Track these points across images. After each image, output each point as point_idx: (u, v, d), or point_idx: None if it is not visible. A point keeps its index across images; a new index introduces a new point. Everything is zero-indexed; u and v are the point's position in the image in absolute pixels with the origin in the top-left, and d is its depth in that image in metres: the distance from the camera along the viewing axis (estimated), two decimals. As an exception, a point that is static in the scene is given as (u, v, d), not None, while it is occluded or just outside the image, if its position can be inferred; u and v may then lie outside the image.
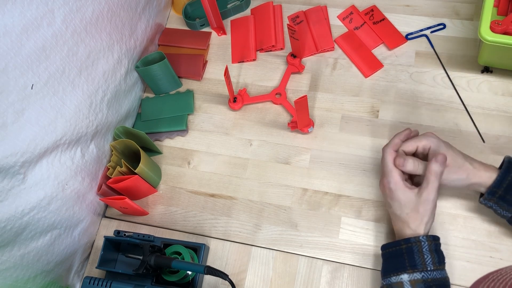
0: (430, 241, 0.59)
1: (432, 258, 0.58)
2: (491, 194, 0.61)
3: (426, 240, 0.59)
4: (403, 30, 0.85)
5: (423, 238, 0.59)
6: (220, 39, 0.91)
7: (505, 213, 0.61)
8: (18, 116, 0.53)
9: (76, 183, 0.68)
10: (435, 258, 0.58)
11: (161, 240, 0.71)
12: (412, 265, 0.58)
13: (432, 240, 0.59)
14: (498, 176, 0.61)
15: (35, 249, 0.61)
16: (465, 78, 0.79)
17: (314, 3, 0.91)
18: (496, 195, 0.61)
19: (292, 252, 0.71)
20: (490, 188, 0.61)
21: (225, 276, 0.60)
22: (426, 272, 0.57)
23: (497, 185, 0.60)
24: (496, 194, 0.61)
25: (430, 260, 0.58)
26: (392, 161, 0.62)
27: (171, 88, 0.87)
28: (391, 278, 0.59)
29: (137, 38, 0.80)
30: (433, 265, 0.57)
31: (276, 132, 0.80)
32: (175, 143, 0.83)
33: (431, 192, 0.59)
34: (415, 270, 0.57)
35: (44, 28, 0.55)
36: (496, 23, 0.67)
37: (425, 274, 0.57)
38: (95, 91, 0.69)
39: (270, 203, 0.75)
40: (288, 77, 0.84)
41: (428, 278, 0.57)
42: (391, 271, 0.59)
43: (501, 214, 0.62)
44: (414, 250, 0.58)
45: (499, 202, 0.61)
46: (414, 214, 0.60)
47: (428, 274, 0.57)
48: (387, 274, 0.60)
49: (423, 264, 0.57)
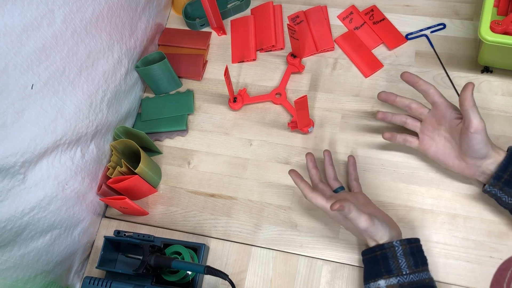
0: (404, 245, 0.59)
1: (407, 262, 0.58)
2: (497, 178, 0.60)
3: (400, 245, 0.59)
4: (403, 30, 0.85)
5: (397, 243, 0.59)
6: (220, 39, 0.91)
7: (510, 200, 0.60)
8: (18, 116, 0.53)
9: (76, 183, 0.68)
10: (411, 262, 0.58)
11: (161, 240, 0.71)
12: (387, 270, 0.58)
13: (407, 244, 0.59)
14: (504, 160, 0.60)
15: (35, 249, 0.61)
16: (465, 78, 0.79)
17: (314, 3, 0.91)
18: (502, 179, 0.60)
19: (292, 252, 0.71)
20: (496, 172, 0.60)
21: (225, 276, 0.60)
22: (401, 277, 0.57)
23: (503, 169, 0.59)
24: (501, 178, 0.60)
25: (405, 264, 0.58)
26: (320, 200, 0.62)
27: (171, 88, 0.87)
28: (370, 284, 0.59)
29: (137, 38, 0.80)
30: (409, 269, 0.57)
31: (276, 132, 0.80)
32: (175, 143, 0.83)
33: (357, 216, 0.59)
34: (390, 276, 0.58)
35: (44, 28, 0.55)
36: (496, 23, 0.67)
37: (400, 279, 0.57)
38: (95, 91, 0.69)
39: (270, 203, 0.75)
40: (288, 77, 0.84)
41: (405, 282, 0.57)
42: (370, 277, 0.60)
43: (505, 201, 0.61)
44: (388, 255, 0.59)
45: (504, 187, 0.60)
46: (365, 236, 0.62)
47: (404, 278, 0.57)
48: (367, 280, 0.60)
49: (398, 269, 0.58)
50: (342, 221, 0.62)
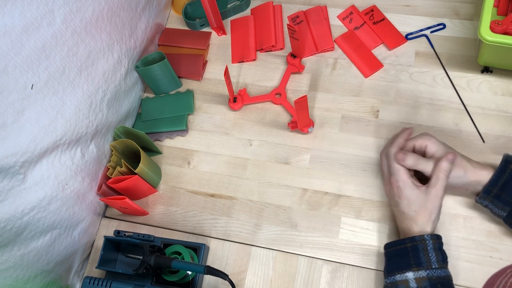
0: (434, 239, 0.59)
1: (437, 256, 0.58)
2: (486, 192, 0.61)
3: (431, 238, 0.59)
4: (403, 30, 0.85)
5: (428, 236, 0.59)
6: (220, 39, 0.91)
7: (501, 212, 0.62)
8: (18, 116, 0.53)
9: (76, 183, 0.68)
10: (439, 257, 0.58)
11: (161, 240, 0.71)
12: (417, 263, 0.58)
13: (436, 239, 0.60)
14: (494, 175, 0.61)
15: (35, 249, 0.61)
16: (465, 78, 0.79)
17: (314, 3, 0.91)
18: (492, 193, 0.61)
19: (292, 252, 0.71)
20: (486, 186, 0.61)
21: (225, 276, 0.60)
22: (431, 270, 0.57)
23: (492, 184, 0.61)
24: (491, 192, 0.61)
25: (435, 258, 0.58)
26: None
27: (171, 88, 0.87)
28: (396, 276, 0.59)
29: (137, 38, 0.80)
30: (438, 263, 0.58)
31: (276, 132, 0.80)
32: (175, 143, 0.83)
33: (439, 189, 0.61)
34: (420, 268, 0.58)
35: (44, 28, 0.55)
36: (496, 23, 0.67)
37: (430, 272, 0.57)
38: (95, 91, 0.69)
39: (270, 203, 0.75)
40: (288, 77, 0.84)
41: (433, 276, 0.57)
42: (396, 269, 0.59)
43: (496, 213, 0.63)
44: (420, 248, 0.59)
45: (494, 201, 0.61)
46: (422, 211, 0.61)
47: (433, 272, 0.57)
48: (392, 272, 0.60)
49: (428, 262, 0.58)
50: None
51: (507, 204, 0.61)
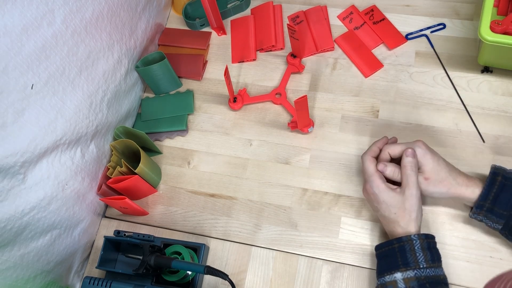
0: (422, 239, 0.59)
1: (425, 256, 0.58)
2: (479, 207, 0.61)
3: (417, 238, 0.59)
4: (403, 30, 0.85)
5: (415, 236, 0.59)
6: (220, 39, 0.91)
7: (496, 226, 0.62)
8: (18, 116, 0.53)
9: (76, 183, 0.68)
10: (428, 256, 0.58)
11: (161, 240, 0.71)
12: (404, 263, 0.58)
13: (424, 238, 0.60)
14: (484, 189, 0.61)
15: (35, 249, 0.61)
16: (465, 78, 0.79)
17: (314, 3, 0.91)
18: (484, 208, 0.61)
19: (292, 252, 0.71)
20: (477, 202, 0.61)
21: (225, 276, 0.60)
22: (418, 270, 0.57)
23: (483, 198, 0.61)
24: (483, 207, 0.61)
25: (423, 258, 0.58)
26: (373, 167, 0.64)
27: (171, 88, 0.87)
28: (385, 277, 0.59)
29: (137, 38, 0.80)
30: (426, 263, 0.58)
31: (276, 132, 0.80)
32: (175, 143, 0.83)
33: (412, 186, 0.61)
34: (408, 268, 0.58)
35: (44, 28, 0.55)
36: (496, 23, 0.67)
37: (418, 272, 0.57)
38: (95, 91, 0.69)
39: (270, 203, 0.75)
40: (288, 77, 0.84)
41: (421, 276, 0.57)
42: (385, 270, 0.60)
43: (491, 226, 0.63)
44: (406, 248, 0.59)
45: (487, 215, 0.61)
46: (402, 212, 0.61)
47: (421, 272, 0.57)
48: (381, 273, 0.60)
49: (416, 262, 0.58)
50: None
51: (500, 217, 0.60)
